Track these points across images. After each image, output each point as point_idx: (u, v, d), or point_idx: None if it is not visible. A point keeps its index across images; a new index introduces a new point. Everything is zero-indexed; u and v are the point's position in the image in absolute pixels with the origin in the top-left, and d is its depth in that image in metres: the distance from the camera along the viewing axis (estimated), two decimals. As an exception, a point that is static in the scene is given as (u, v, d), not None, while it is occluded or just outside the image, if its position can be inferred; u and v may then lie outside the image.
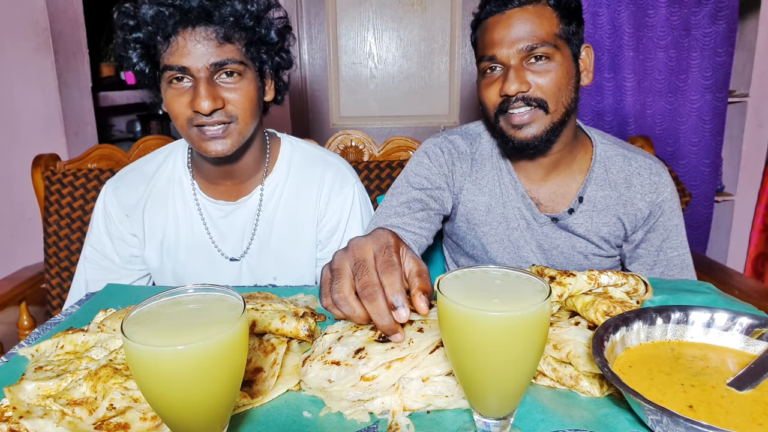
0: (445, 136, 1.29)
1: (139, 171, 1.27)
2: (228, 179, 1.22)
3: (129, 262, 1.28)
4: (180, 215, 1.24)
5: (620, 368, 0.64)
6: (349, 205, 1.26)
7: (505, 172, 1.23)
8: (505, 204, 1.23)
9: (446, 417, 0.63)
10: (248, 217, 1.24)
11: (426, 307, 0.68)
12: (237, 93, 1.07)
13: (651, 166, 1.20)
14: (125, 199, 1.24)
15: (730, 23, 2.19)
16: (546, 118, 1.09)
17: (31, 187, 1.65)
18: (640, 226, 1.21)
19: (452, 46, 3.48)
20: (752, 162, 2.66)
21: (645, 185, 1.19)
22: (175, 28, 1.03)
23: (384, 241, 0.72)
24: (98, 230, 1.26)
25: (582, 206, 1.19)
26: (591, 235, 1.21)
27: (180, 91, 1.06)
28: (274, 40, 1.13)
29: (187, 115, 1.06)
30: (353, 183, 1.28)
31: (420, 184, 1.22)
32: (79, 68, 2.93)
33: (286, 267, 1.26)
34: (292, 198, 1.25)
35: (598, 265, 1.25)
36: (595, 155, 1.21)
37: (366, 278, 0.68)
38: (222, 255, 1.25)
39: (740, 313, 0.69)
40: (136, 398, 0.64)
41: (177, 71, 1.04)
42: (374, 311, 0.66)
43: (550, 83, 1.07)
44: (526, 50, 1.06)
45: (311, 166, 1.27)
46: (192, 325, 0.49)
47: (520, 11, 1.07)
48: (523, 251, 1.24)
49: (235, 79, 1.07)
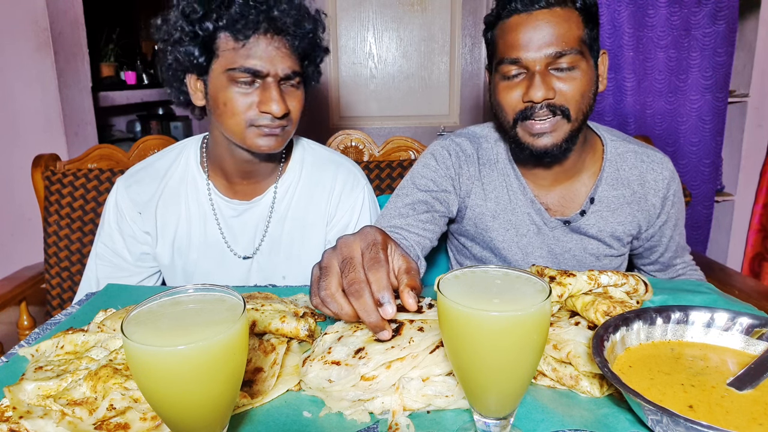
0: (452, 138, 1.27)
1: (150, 169, 1.27)
2: (246, 179, 1.23)
3: (140, 260, 1.28)
4: (193, 213, 1.25)
5: (620, 368, 0.64)
6: (359, 206, 1.28)
7: (512, 178, 1.21)
8: (513, 210, 1.21)
9: (446, 417, 0.63)
10: (261, 216, 1.25)
11: (414, 303, 0.68)
12: (296, 101, 1.12)
13: (661, 160, 1.20)
14: (138, 197, 1.25)
15: (730, 23, 2.19)
16: (566, 126, 1.05)
17: (31, 187, 1.65)
18: (653, 222, 1.21)
19: (452, 46, 3.48)
20: (752, 162, 2.66)
21: (658, 181, 1.18)
22: (255, 30, 1.04)
23: (371, 238, 0.72)
24: (110, 227, 1.26)
25: (594, 207, 1.18)
26: (604, 235, 1.19)
27: (246, 90, 1.07)
28: (321, 61, 1.20)
29: (250, 115, 1.08)
30: (363, 185, 1.30)
31: (425, 186, 1.21)
32: (79, 68, 2.93)
33: (296, 266, 1.27)
34: (303, 198, 1.26)
35: (608, 265, 1.24)
36: (606, 154, 1.19)
37: (352, 275, 0.68)
38: (233, 253, 1.26)
39: (740, 313, 0.69)
40: (136, 398, 0.64)
41: (251, 75, 1.05)
42: (361, 308, 0.66)
43: (574, 91, 1.03)
44: (554, 56, 1.01)
45: (323, 167, 1.29)
46: (192, 325, 0.49)
47: (548, 13, 1.01)
48: (531, 257, 1.23)
49: (294, 87, 1.12)
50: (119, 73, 3.91)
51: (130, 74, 3.92)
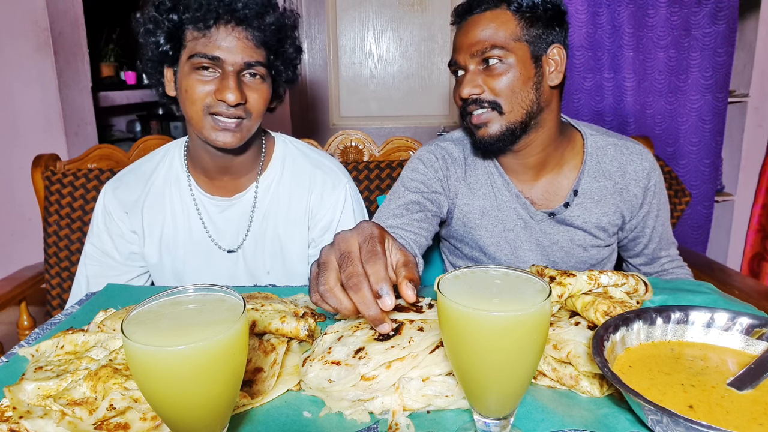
0: (437, 143, 1.33)
1: (137, 171, 1.31)
2: (225, 174, 1.25)
3: (129, 259, 1.30)
4: (177, 212, 1.27)
5: (620, 368, 0.64)
6: (341, 204, 1.29)
7: (496, 175, 1.25)
8: (499, 206, 1.25)
9: (446, 417, 0.63)
10: (243, 212, 1.27)
11: (413, 294, 0.68)
12: (257, 93, 1.14)
13: (641, 151, 1.24)
14: (124, 198, 1.28)
15: (730, 23, 2.19)
16: (501, 119, 1.12)
17: (31, 187, 1.65)
18: (636, 213, 1.24)
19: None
20: (752, 162, 2.66)
21: (638, 171, 1.22)
22: (216, 20, 1.08)
23: (368, 232, 0.72)
24: (98, 228, 1.29)
25: (577, 199, 1.22)
26: (589, 226, 1.23)
27: (205, 78, 1.10)
28: (292, 56, 1.22)
29: (207, 102, 1.10)
30: (345, 183, 1.31)
31: (416, 188, 1.25)
32: (79, 68, 2.93)
33: (280, 262, 1.29)
34: (285, 196, 1.28)
35: (595, 256, 1.27)
36: (587, 148, 1.23)
37: (351, 269, 0.68)
38: (219, 248, 1.28)
39: (740, 313, 0.69)
40: (136, 398, 0.64)
41: (209, 60, 1.08)
42: (360, 301, 0.66)
43: (502, 85, 1.10)
44: (478, 54, 1.10)
45: (304, 165, 1.31)
46: (192, 325, 0.49)
47: (478, 17, 1.12)
48: (520, 251, 1.26)
49: (257, 80, 1.14)
50: (119, 73, 3.91)
51: (130, 74, 3.92)
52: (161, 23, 1.11)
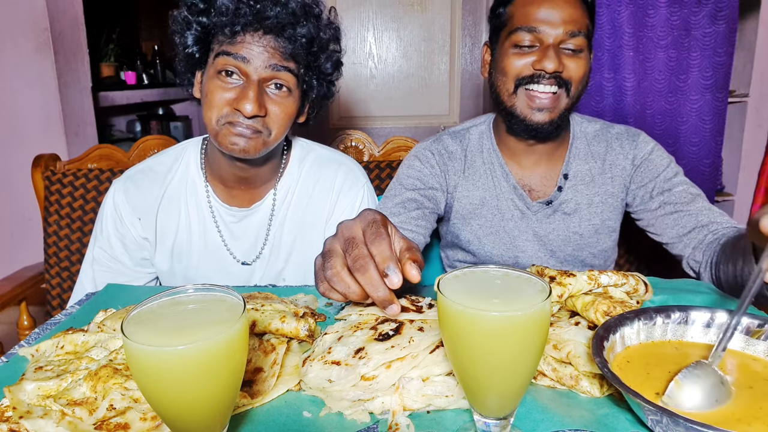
0: (433, 139, 1.33)
1: (149, 172, 1.25)
2: (243, 185, 1.22)
3: (140, 265, 1.26)
4: (193, 219, 1.23)
5: (618, 364, 0.64)
6: (358, 204, 1.28)
7: (497, 166, 1.27)
8: (498, 196, 1.26)
9: (446, 417, 0.63)
10: (261, 222, 1.24)
11: (418, 274, 0.68)
12: (279, 107, 1.09)
13: (628, 130, 1.27)
14: (137, 202, 1.22)
15: (730, 23, 2.18)
16: (565, 101, 1.13)
17: (31, 187, 1.65)
18: (634, 186, 1.24)
19: (452, 46, 3.48)
20: (752, 162, 2.66)
21: (624, 145, 1.25)
22: (245, 27, 1.05)
23: (371, 217, 0.72)
24: (107, 232, 1.23)
25: (568, 182, 1.24)
26: (581, 208, 1.25)
27: (227, 85, 1.07)
28: (329, 71, 1.17)
29: (225, 110, 1.07)
30: (363, 183, 1.30)
31: (413, 185, 1.25)
32: (79, 68, 2.93)
33: (296, 266, 1.27)
34: (303, 199, 1.26)
35: (595, 244, 1.27)
36: (574, 132, 1.26)
37: (356, 252, 0.68)
38: (234, 259, 1.25)
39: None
40: (136, 398, 0.64)
41: (235, 60, 1.05)
42: (367, 282, 0.66)
43: (579, 70, 1.12)
44: (568, 34, 1.09)
45: (323, 167, 1.28)
46: (192, 325, 0.49)
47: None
48: (518, 241, 1.27)
49: (282, 93, 1.09)
50: (119, 73, 3.91)
51: (130, 74, 3.92)
52: (191, 24, 1.09)
